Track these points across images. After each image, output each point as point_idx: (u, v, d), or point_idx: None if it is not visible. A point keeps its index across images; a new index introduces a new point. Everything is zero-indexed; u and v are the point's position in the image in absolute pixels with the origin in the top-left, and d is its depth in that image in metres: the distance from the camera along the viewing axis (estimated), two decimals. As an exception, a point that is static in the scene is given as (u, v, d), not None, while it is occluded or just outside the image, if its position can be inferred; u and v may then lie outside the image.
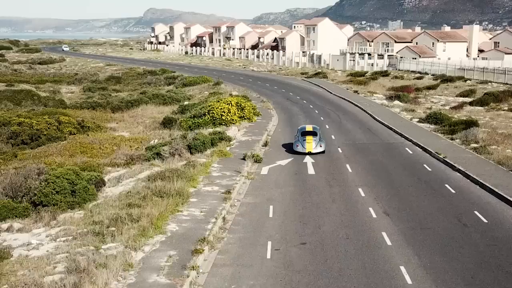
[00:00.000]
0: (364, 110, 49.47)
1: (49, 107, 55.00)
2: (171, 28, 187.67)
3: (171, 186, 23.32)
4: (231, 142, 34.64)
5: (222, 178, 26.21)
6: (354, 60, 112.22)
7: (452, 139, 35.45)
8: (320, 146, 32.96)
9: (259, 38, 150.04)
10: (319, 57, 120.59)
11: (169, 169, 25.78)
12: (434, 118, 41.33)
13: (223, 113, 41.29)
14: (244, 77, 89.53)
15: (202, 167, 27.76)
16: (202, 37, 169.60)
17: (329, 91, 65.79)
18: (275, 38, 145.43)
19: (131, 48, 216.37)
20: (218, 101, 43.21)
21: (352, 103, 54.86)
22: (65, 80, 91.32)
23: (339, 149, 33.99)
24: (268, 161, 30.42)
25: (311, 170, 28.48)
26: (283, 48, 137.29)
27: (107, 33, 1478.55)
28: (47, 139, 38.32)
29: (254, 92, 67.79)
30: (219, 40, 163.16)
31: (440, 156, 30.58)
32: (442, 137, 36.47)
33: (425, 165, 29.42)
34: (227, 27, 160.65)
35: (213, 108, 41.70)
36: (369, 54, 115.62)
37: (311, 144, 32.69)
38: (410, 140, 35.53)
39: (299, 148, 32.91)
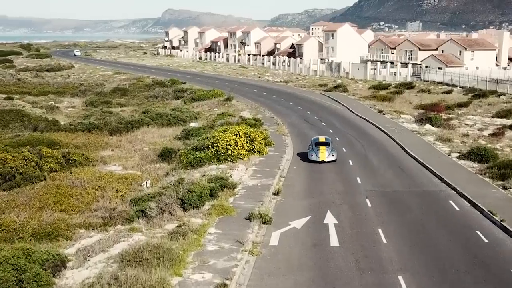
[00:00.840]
0: (393, 139, 43.15)
1: (40, 129, 49.59)
2: (185, 33, 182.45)
3: (147, 278, 17.39)
4: (235, 190, 28.68)
5: (218, 256, 20.23)
6: (375, 69, 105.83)
7: (505, 187, 29.08)
8: (332, 155, 36.84)
9: (275, 44, 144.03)
10: (338, 65, 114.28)
11: (149, 245, 19.81)
12: (477, 155, 34.97)
13: (229, 146, 35.35)
14: (258, 89, 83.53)
15: (194, 235, 21.82)
16: (217, 42, 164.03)
17: (350, 110, 59.51)
18: (292, 44, 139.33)
19: (144, 53, 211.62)
20: (224, 131, 37.24)
21: (377, 127, 48.55)
22: (68, 91, 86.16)
23: (367, 201, 27.84)
24: (279, 222, 24.40)
25: (334, 239, 22.39)
26: (300, 55, 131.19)
27: (125, 34, 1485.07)
28: (22, 179, 32.68)
29: (268, 109, 61.86)
30: (234, 45, 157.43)
31: (496, 217, 24.31)
32: (491, 183, 30.11)
33: (478, 233, 23.16)
34: (242, 32, 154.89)
35: (218, 140, 35.79)
36: (391, 63, 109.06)
37: (324, 154, 36.68)
38: (454, 189, 29.20)
39: (313, 157, 36.87)
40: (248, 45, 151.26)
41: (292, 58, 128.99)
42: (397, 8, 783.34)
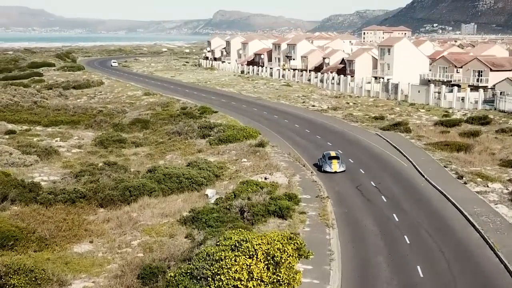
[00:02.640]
0: (492, 249, 28.94)
1: (9, 199, 38.03)
2: (228, 43, 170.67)
3: None
4: None
5: None
6: (439, 93, 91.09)
7: None
8: (342, 166, 46.07)
9: (323, 58, 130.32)
10: (396, 86, 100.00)
11: None
12: None
13: (239, 282, 22.54)
14: (300, 123, 70.25)
15: None
16: (260, 54, 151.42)
17: (418, 170, 45.54)
18: (343, 59, 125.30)
19: (186, 63, 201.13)
20: (235, 248, 24.37)
21: (462, 213, 34.48)
22: (84, 120, 75.26)
23: None
24: None
25: None
26: (352, 72, 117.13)
27: (177, 35, 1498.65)
28: None
29: (309, 161, 48.85)
30: (279, 59, 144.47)
31: None
32: None
33: None
34: (288, 44, 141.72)
35: (223, 268, 23.02)
36: (458, 86, 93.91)
37: (336, 165, 45.77)
38: None
39: (328, 169, 45.74)
40: (294, 59, 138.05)
41: (342, 75, 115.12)
42: (451, 9, 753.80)
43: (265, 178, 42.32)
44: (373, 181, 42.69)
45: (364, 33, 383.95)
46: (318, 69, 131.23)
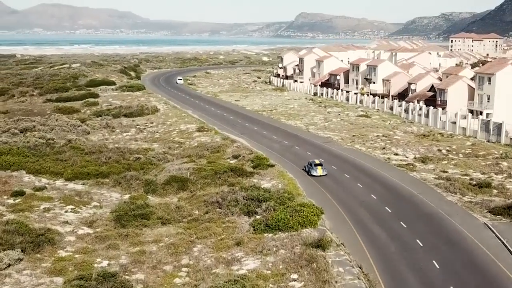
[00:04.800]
0: None
1: None
2: (301, 60, 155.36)
3: None
4: None
5: None
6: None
7: None
8: (325, 171, 59.00)
9: (409, 84, 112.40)
10: (499, 126, 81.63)
11: None
12: None
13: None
14: (379, 191, 53.96)
15: None
16: (336, 75, 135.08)
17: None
18: (432, 86, 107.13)
19: (257, 78, 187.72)
20: None
21: None
22: (115, 173, 62.40)
23: None
24: None
25: None
26: (443, 103, 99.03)
27: (259, 38, 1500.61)
28: None
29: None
30: (357, 81, 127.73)
31: None
32: None
33: None
34: (367, 65, 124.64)
35: None
36: None
37: (320, 170, 58.69)
38: None
39: (314, 173, 58.56)
40: (374, 82, 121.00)
41: (431, 107, 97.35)
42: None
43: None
44: None
45: (451, 40, 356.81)
46: (402, 95, 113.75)
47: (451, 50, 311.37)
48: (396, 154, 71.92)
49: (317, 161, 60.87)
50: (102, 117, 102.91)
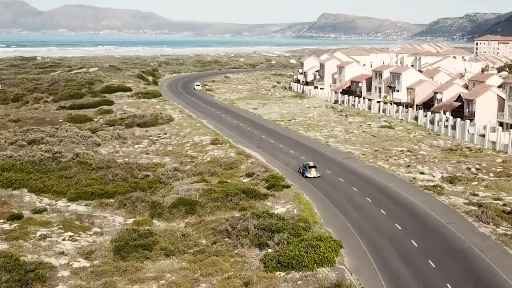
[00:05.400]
0: None
1: None
2: (322, 66, 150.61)
3: None
4: None
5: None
6: None
7: None
8: (318, 173, 62.33)
9: (435, 93, 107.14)
10: (532, 143, 76.33)
11: None
12: None
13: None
14: (404, 219, 49.36)
15: None
16: (358, 82, 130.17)
17: None
18: (459, 96, 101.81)
19: (277, 83, 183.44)
20: None
21: None
22: (120, 192, 58.74)
23: None
24: None
25: None
26: (471, 114, 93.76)
27: (281, 38, 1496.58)
28: None
29: None
30: (380, 88, 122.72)
31: None
32: None
33: None
34: (390, 73, 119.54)
35: None
36: None
37: (314, 172, 62.03)
38: None
39: (308, 174, 62.01)
40: (397, 91, 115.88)
41: (459, 118, 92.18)
42: None
43: None
44: None
45: (476, 43, 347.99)
46: (427, 105, 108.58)
47: (476, 53, 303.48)
48: (422, 173, 67.07)
49: (311, 164, 64.33)
50: (115, 126, 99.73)
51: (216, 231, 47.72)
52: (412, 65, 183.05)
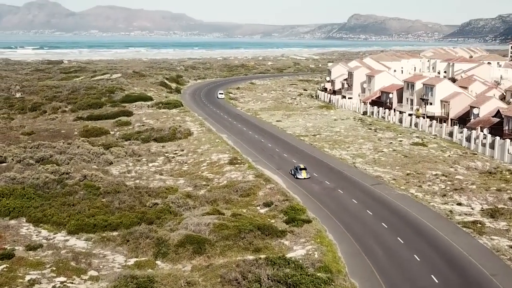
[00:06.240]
0: None
1: None
2: (350, 75, 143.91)
3: None
4: None
5: None
6: None
7: None
8: (308, 174, 68.33)
9: (471, 107, 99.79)
10: None
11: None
12: None
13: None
14: (442, 260, 43.00)
15: None
16: (388, 93, 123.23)
17: None
18: (498, 111, 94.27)
19: (303, 90, 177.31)
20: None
21: None
22: (125, 224, 53.78)
23: None
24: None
25: None
26: (511, 132, 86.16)
27: (310, 39, 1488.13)
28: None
29: None
30: (412, 100, 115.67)
31: None
32: None
33: None
34: (423, 84, 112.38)
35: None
36: None
37: (304, 174, 68.16)
38: None
39: (299, 176, 68.06)
40: (431, 104, 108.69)
41: (498, 137, 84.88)
42: None
43: None
44: None
45: (511, 46, 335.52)
46: (462, 120, 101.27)
47: (510, 56, 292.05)
48: (460, 204, 60.37)
49: (302, 166, 70.71)
50: (131, 141, 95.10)
51: (225, 280, 42.06)
52: (445, 72, 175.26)
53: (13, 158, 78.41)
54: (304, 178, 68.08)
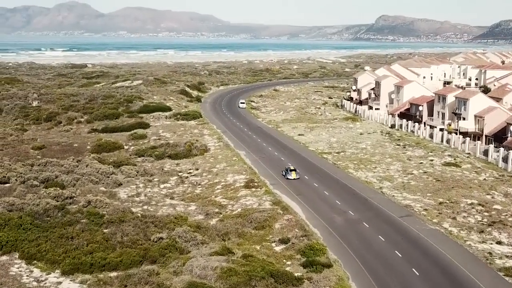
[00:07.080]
0: None
1: None
2: (377, 84, 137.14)
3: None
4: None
5: None
6: None
7: None
8: (298, 175, 73.01)
9: (508, 124, 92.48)
10: None
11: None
12: None
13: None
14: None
15: None
16: (418, 105, 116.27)
17: None
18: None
19: (329, 98, 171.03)
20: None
21: None
22: (125, 262, 49.00)
23: None
24: None
25: None
26: (555, 154, 78.69)
27: (338, 40, 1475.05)
28: None
29: None
30: (443, 114, 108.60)
31: None
32: None
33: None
34: (456, 97, 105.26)
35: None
36: None
37: (294, 174, 72.62)
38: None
39: (289, 176, 72.61)
40: (464, 118, 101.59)
41: (539, 159, 77.58)
42: None
43: None
44: None
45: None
46: (498, 137, 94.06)
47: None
48: (499, 243, 53.83)
49: (291, 167, 75.56)
50: (144, 157, 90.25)
51: None
52: (477, 79, 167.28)
53: (16, 179, 74.00)
54: (294, 179, 72.94)
